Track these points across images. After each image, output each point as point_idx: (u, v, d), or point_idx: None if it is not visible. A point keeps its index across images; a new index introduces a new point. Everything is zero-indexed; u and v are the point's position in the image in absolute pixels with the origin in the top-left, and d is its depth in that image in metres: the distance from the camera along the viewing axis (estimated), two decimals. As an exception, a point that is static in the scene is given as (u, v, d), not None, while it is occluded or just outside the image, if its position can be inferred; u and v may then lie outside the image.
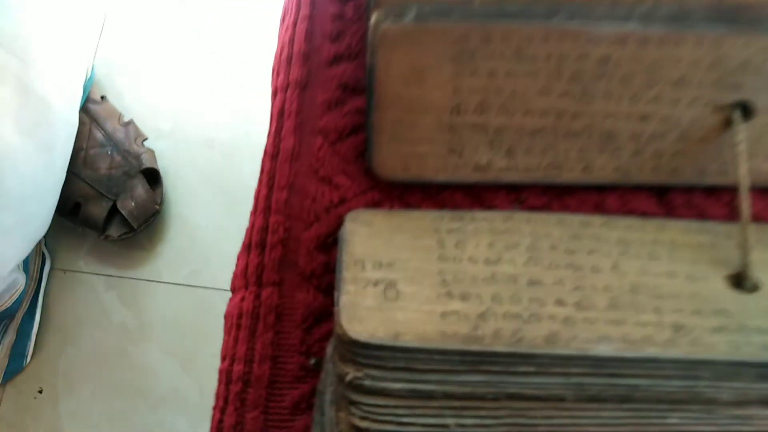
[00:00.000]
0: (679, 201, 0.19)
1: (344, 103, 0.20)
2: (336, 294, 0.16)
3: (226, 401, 0.16)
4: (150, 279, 0.54)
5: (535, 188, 0.19)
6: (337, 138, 0.19)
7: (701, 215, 0.19)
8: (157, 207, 0.50)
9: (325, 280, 0.17)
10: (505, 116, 0.19)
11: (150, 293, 0.53)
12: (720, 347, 0.16)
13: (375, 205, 0.19)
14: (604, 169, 0.19)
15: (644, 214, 0.19)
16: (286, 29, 0.21)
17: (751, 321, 0.16)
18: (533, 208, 0.19)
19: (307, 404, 0.16)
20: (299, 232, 0.18)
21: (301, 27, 0.21)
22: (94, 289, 0.54)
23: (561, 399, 0.15)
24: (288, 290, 0.18)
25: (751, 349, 0.16)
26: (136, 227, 0.49)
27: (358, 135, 0.19)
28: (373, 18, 0.18)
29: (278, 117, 0.20)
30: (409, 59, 0.18)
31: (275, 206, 0.18)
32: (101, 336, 0.53)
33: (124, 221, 0.49)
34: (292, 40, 0.21)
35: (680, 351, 0.16)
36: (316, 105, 0.20)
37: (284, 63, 0.21)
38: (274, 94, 0.21)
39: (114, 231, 0.49)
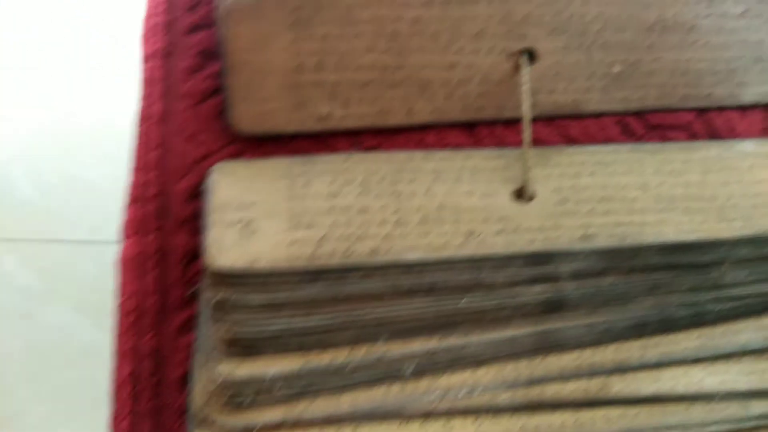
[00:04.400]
0: (484, 133, 0.25)
1: (204, 68, 0.23)
2: (203, 236, 0.20)
3: (122, 330, 0.21)
4: (51, 239, 0.55)
5: (369, 132, 0.24)
6: (199, 100, 0.23)
7: (501, 143, 0.25)
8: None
9: (197, 224, 0.22)
10: (339, 72, 0.23)
11: (52, 253, 0.55)
12: (498, 245, 0.22)
13: (236, 156, 0.23)
14: (423, 112, 0.24)
15: (457, 146, 0.25)
16: (149, 2, 0.24)
17: (524, 223, 0.23)
18: (368, 148, 0.24)
19: (190, 325, 0.22)
20: (173, 185, 0.22)
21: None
22: (-9, 255, 0.54)
23: (381, 296, 0.21)
24: (168, 235, 0.22)
25: (521, 244, 0.22)
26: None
27: (217, 96, 0.23)
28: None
29: (147, 84, 0.23)
30: (252, 30, 0.22)
31: (150, 164, 0.22)
32: (5, 300, 0.53)
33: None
34: (153, 12, 0.24)
35: (469, 251, 0.22)
36: (179, 71, 0.23)
37: (148, 33, 0.24)
38: (143, 62, 0.24)
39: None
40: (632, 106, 0.27)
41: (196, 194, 0.22)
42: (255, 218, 0.21)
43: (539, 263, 0.23)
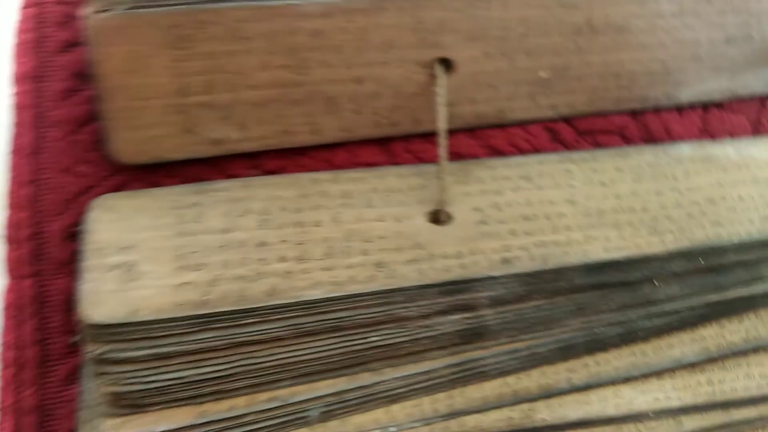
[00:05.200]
0: (400, 149, 0.24)
1: (79, 91, 0.21)
2: (78, 283, 0.19)
3: (3, 385, 0.20)
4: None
5: (271, 153, 0.22)
6: (76, 128, 0.21)
7: (419, 159, 0.24)
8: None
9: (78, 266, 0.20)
10: (231, 92, 0.21)
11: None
12: (411, 276, 0.21)
13: (120, 188, 0.21)
14: (330, 130, 0.23)
15: (370, 164, 0.23)
16: (18, 16, 0.22)
17: (438, 249, 0.22)
18: (271, 171, 0.22)
19: (77, 374, 0.20)
20: (49, 224, 0.21)
21: (30, 13, 0.21)
22: None
23: (281, 339, 0.20)
24: (47, 279, 0.21)
25: (434, 274, 0.21)
26: None
27: (96, 122, 0.21)
28: (85, 9, 0.19)
29: (16, 111, 0.21)
30: (125, 50, 0.20)
31: (23, 202, 0.21)
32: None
33: None
34: (24, 27, 0.22)
35: (378, 285, 0.21)
36: (51, 95, 0.21)
37: (18, 52, 0.22)
38: (12, 86, 0.22)
39: None
40: (562, 112, 0.25)
41: (76, 233, 0.21)
42: (137, 261, 0.20)
43: (456, 292, 0.22)
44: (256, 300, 0.20)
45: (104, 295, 0.19)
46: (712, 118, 0.27)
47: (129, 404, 0.19)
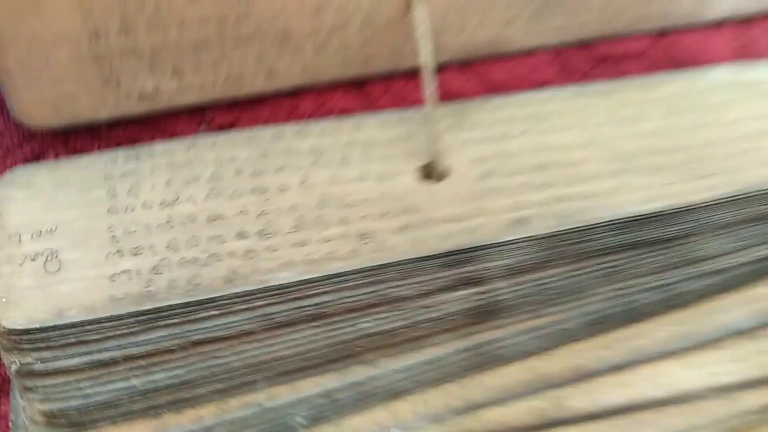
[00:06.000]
0: (378, 91, 0.21)
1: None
2: (-13, 280, 0.17)
3: None
4: None
5: (220, 104, 0.20)
6: (-28, 89, 0.18)
7: (402, 102, 0.21)
8: None
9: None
10: (157, 33, 0.19)
11: None
12: (402, 247, 0.19)
13: (36, 158, 0.19)
14: (289, 72, 0.20)
15: (343, 111, 0.21)
16: None
17: (435, 212, 0.19)
18: (222, 126, 0.20)
19: (6, 389, 0.18)
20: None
21: None
22: None
23: (249, 333, 0.18)
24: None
25: (432, 242, 0.19)
26: None
27: (-4, 81, 0.18)
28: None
29: None
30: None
31: None
32: None
33: None
34: None
35: (363, 260, 0.18)
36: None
37: None
38: None
39: None
40: (570, 36, 0.23)
41: (-16, 219, 0.18)
42: (61, 247, 0.17)
43: (460, 263, 0.19)
44: (213, 288, 0.17)
45: (21, 293, 0.16)
46: (750, 36, 0.25)
47: (68, 423, 0.17)
